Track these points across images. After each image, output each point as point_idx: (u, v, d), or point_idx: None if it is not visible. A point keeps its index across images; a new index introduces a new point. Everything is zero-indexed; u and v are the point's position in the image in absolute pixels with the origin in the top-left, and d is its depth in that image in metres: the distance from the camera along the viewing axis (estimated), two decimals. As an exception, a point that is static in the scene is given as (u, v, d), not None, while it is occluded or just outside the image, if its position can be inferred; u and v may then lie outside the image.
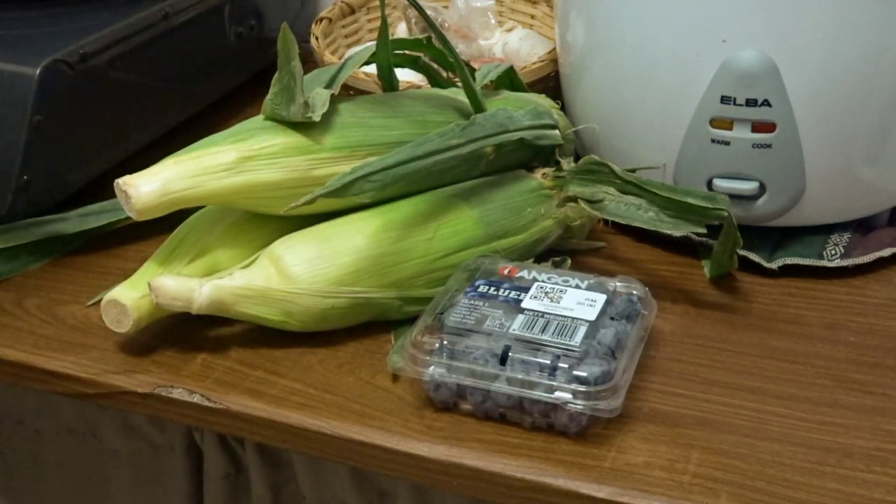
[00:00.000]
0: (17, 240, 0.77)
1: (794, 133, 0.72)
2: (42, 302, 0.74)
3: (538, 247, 0.74)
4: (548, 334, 0.61)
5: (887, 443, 0.60)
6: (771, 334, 0.69)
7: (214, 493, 0.77)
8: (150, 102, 0.88)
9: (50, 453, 0.83)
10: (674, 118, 0.74)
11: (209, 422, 0.65)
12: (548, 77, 0.89)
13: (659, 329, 0.69)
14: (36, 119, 0.75)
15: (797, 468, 0.58)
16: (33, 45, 0.79)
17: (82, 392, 0.67)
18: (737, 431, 0.61)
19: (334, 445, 0.62)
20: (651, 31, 0.73)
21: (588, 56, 0.80)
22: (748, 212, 0.75)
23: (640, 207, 0.70)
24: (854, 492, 0.56)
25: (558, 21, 0.85)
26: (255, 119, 0.71)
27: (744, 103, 0.71)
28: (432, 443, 0.60)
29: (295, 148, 0.68)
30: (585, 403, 0.58)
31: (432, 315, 0.64)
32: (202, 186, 0.65)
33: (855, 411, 0.62)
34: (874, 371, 0.65)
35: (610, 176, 0.71)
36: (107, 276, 0.75)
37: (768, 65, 0.70)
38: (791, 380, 0.65)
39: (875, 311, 0.71)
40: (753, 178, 0.74)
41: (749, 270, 0.75)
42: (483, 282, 0.66)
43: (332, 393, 0.64)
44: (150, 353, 0.68)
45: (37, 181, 0.77)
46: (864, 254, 0.75)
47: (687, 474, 0.58)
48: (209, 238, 0.69)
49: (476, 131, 0.72)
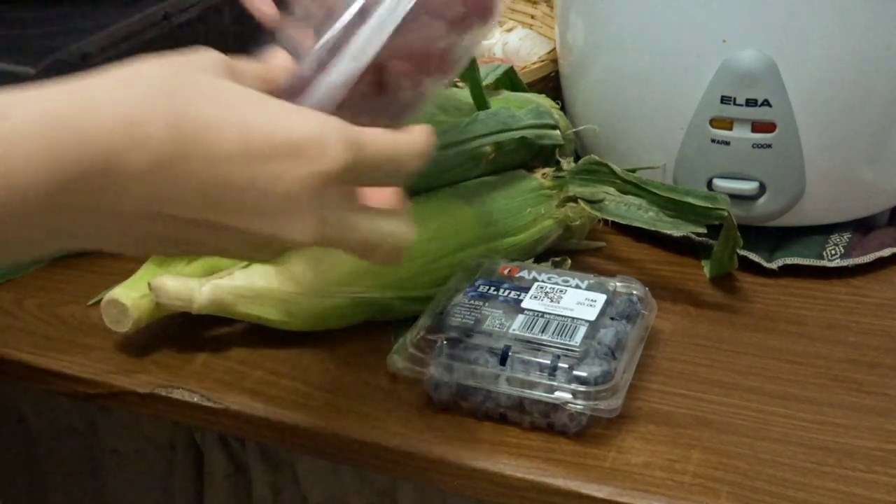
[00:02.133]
0: (17, 240, 0.76)
1: (794, 133, 0.72)
2: (42, 302, 0.74)
3: (538, 247, 0.74)
4: (548, 334, 0.61)
5: (887, 443, 0.60)
6: (771, 334, 0.69)
7: (215, 493, 0.77)
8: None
9: (50, 453, 0.83)
10: (674, 118, 0.74)
11: (209, 422, 0.65)
12: (548, 77, 0.89)
13: (659, 329, 0.69)
14: (36, 119, 0.75)
15: (797, 468, 0.58)
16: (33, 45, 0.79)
17: (82, 392, 0.67)
18: (737, 431, 0.61)
19: (334, 445, 0.62)
20: (651, 31, 0.73)
21: (588, 56, 0.80)
22: (748, 212, 0.75)
23: (640, 207, 0.71)
24: (854, 492, 0.56)
25: (558, 21, 0.85)
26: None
27: (744, 103, 0.71)
28: (432, 443, 0.60)
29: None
30: (585, 403, 0.58)
31: (432, 315, 0.64)
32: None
33: (855, 411, 0.62)
34: (874, 371, 0.65)
35: (610, 176, 0.71)
36: (107, 276, 0.74)
37: (768, 65, 0.70)
38: (791, 380, 0.65)
39: (875, 311, 0.71)
40: (753, 178, 0.74)
41: (749, 270, 0.75)
42: (483, 282, 0.66)
43: (332, 393, 0.64)
44: (150, 353, 0.68)
45: (37, 181, 0.77)
46: (864, 254, 0.75)
47: (687, 474, 0.58)
48: (209, 238, 0.69)
49: (478, 128, 0.72)
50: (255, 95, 0.47)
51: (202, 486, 0.78)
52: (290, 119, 0.47)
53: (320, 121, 0.47)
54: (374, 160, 0.49)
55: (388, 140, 0.49)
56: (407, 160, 0.50)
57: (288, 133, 0.46)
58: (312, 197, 0.47)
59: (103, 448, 0.80)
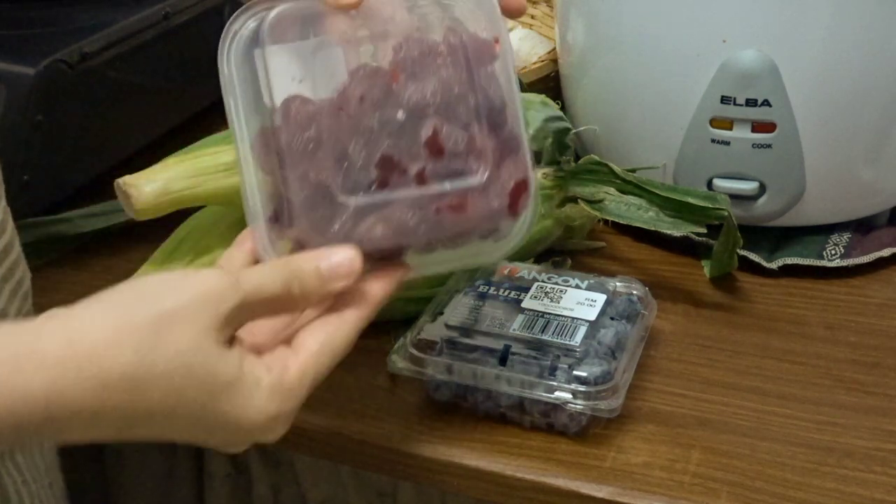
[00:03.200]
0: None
1: (794, 133, 0.72)
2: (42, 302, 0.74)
3: (538, 247, 0.74)
4: (548, 334, 0.61)
5: (887, 443, 0.60)
6: (771, 334, 0.69)
7: (216, 493, 0.77)
8: (150, 102, 0.88)
9: (50, 453, 0.83)
10: (674, 118, 0.74)
11: (209, 422, 0.65)
12: (548, 77, 0.89)
13: (659, 329, 0.69)
14: (36, 119, 0.75)
15: (797, 468, 0.58)
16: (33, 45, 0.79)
17: (82, 392, 0.67)
18: (737, 431, 0.61)
19: (334, 445, 0.62)
20: (651, 31, 0.73)
21: (588, 56, 0.80)
22: (748, 212, 0.75)
23: (640, 207, 0.70)
24: (854, 492, 0.56)
25: (558, 21, 0.85)
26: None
27: (744, 103, 0.71)
28: (432, 443, 0.60)
29: (295, 148, 0.68)
30: (585, 403, 0.58)
31: (432, 315, 0.64)
32: (202, 186, 0.65)
33: (855, 411, 0.62)
34: (874, 371, 0.65)
35: (610, 176, 0.71)
36: (107, 276, 0.74)
37: (768, 65, 0.70)
38: (791, 380, 0.65)
39: (875, 311, 0.71)
40: (753, 178, 0.74)
41: (749, 270, 0.75)
42: (483, 282, 0.66)
43: (332, 393, 0.64)
44: (150, 353, 0.68)
45: (37, 181, 0.77)
46: (863, 254, 0.75)
47: (687, 474, 0.58)
48: (209, 238, 0.69)
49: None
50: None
51: (202, 486, 0.78)
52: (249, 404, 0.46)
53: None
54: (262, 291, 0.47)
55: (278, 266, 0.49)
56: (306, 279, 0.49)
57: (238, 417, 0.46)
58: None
59: (104, 448, 0.80)
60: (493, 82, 0.52)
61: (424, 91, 0.51)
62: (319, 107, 0.51)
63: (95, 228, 0.79)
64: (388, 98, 0.51)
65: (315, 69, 0.52)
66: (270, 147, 0.51)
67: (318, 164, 0.50)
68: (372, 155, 0.50)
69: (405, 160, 0.50)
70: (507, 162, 0.52)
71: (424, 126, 0.50)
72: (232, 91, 0.52)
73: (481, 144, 0.51)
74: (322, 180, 0.50)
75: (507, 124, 0.52)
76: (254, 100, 0.52)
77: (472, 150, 0.51)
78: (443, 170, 0.51)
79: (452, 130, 0.51)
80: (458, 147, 0.51)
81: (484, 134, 0.51)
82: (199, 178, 0.65)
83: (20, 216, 0.77)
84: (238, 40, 0.52)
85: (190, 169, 0.65)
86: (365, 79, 0.51)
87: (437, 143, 0.50)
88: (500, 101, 0.52)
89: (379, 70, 0.51)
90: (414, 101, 0.50)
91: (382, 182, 0.50)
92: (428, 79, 0.51)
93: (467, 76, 0.51)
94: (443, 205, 0.51)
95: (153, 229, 0.73)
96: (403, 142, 0.50)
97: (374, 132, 0.50)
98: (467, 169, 0.51)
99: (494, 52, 0.52)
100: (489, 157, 0.51)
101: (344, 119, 0.50)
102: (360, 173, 0.50)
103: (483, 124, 0.51)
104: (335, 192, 0.50)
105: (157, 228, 0.72)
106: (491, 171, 0.51)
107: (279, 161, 0.50)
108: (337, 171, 0.50)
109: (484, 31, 0.53)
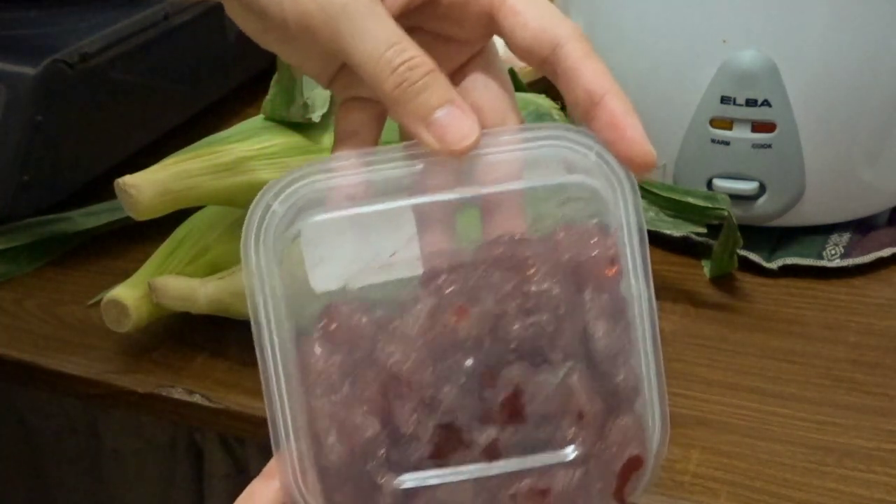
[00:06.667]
0: (17, 240, 0.77)
1: (794, 133, 0.72)
2: (42, 302, 0.74)
3: (538, 247, 0.73)
4: (548, 334, 0.60)
5: (887, 443, 0.60)
6: (771, 334, 0.69)
7: (215, 492, 0.77)
8: (150, 102, 0.88)
9: (50, 453, 0.83)
10: (674, 118, 0.74)
11: (209, 422, 0.65)
12: (548, 77, 0.89)
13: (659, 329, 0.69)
14: (36, 119, 0.75)
15: (797, 468, 0.58)
16: (33, 45, 0.79)
17: (82, 392, 0.67)
18: (737, 431, 0.61)
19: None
20: (651, 31, 0.73)
21: (588, 56, 0.80)
22: (748, 212, 0.75)
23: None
24: (854, 492, 0.56)
25: (558, 21, 0.85)
26: (254, 119, 0.71)
27: (744, 103, 0.71)
28: (432, 443, 0.60)
29: (294, 148, 0.68)
30: (585, 404, 0.57)
31: (432, 315, 0.63)
32: (202, 186, 0.65)
33: (855, 411, 0.62)
34: (874, 371, 0.65)
35: (610, 176, 0.71)
36: (107, 276, 0.75)
37: (768, 65, 0.70)
38: (791, 380, 0.65)
39: (875, 311, 0.71)
40: (753, 178, 0.74)
41: (749, 270, 0.75)
42: (483, 282, 0.65)
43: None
44: (150, 353, 0.68)
45: (37, 181, 0.77)
46: (863, 254, 0.75)
47: (687, 474, 0.58)
48: (209, 238, 0.69)
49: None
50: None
51: (202, 486, 0.78)
52: None
53: None
54: None
55: None
56: None
57: None
58: None
59: (103, 448, 0.80)
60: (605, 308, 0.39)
61: (508, 328, 0.37)
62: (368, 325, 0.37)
63: (95, 228, 0.79)
64: (452, 339, 0.37)
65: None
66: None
67: (352, 415, 0.37)
68: (426, 422, 0.37)
69: (471, 427, 0.37)
70: (616, 425, 0.38)
71: (502, 379, 0.37)
72: (261, 286, 0.38)
73: (582, 402, 0.37)
74: (355, 446, 0.37)
75: (621, 370, 0.39)
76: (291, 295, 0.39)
77: (568, 410, 0.37)
78: (523, 439, 0.37)
79: (542, 383, 0.37)
80: (549, 407, 0.37)
81: (585, 385, 0.38)
82: (199, 178, 0.65)
83: (20, 216, 0.77)
84: (272, 217, 0.38)
85: (190, 169, 0.65)
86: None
87: (518, 404, 0.37)
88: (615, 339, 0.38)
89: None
90: (488, 343, 0.37)
91: (438, 454, 0.37)
92: (508, 306, 0.37)
93: (569, 300, 0.38)
94: (521, 489, 0.37)
95: (153, 229, 0.73)
96: (469, 401, 0.37)
97: (433, 386, 0.37)
98: (558, 438, 0.37)
99: (615, 273, 0.39)
100: (592, 421, 0.37)
101: (396, 351, 0.37)
102: (409, 443, 0.37)
103: (585, 370, 0.38)
104: (373, 469, 0.37)
105: (157, 228, 0.72)
106: (593, 440, 0.38)
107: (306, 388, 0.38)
108: (378, 433, 0.37)
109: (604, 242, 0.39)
